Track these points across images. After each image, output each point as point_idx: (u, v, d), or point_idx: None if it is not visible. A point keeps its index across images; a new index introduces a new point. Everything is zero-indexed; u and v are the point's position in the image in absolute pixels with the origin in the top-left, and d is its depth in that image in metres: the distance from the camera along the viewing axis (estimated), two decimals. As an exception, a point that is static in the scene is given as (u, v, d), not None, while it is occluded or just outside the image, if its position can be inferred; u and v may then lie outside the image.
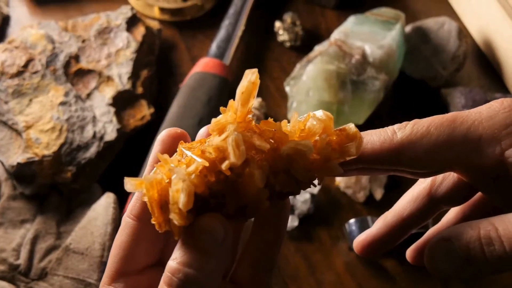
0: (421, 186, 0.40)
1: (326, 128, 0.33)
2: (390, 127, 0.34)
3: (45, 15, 0.84)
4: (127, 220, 0.36)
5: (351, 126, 0.33)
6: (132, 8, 0.77)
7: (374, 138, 0.34)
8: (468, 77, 0.82)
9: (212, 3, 0.84)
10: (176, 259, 0.32)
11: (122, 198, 0.68)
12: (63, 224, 0.66)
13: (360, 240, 0.42)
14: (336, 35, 0.76)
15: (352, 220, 0.67)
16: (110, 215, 0.63)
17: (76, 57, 0.73)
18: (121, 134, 0.69)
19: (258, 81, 0.33)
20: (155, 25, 0.79)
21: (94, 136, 0.68)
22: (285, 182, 0.33)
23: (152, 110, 0.73)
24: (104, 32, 0.75)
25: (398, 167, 0.34)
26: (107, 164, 0.70)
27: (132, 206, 0.36)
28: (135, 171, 0.69)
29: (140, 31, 0.76)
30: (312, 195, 0.70)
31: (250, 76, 0.33)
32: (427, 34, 0.79)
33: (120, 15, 0.76)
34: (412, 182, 0.66)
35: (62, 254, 0.62)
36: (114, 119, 0.69)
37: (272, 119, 0.34)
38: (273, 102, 0.78)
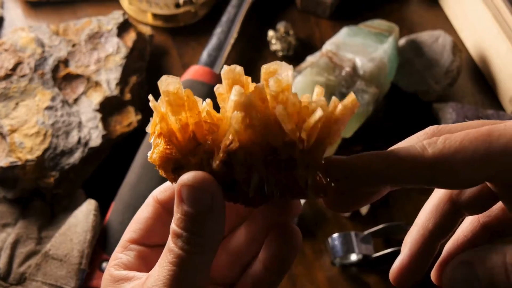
0: (440, 193, 0.38)
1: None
2: (419, 143, 0.32)
3: (39, 17, 0.84)
4: (150, 200, 0.39)
5: (316, 89, 0.34)
6: (124, 14, 0.77)
7: (402, 155, 0.32)
8: (462, 92, 0.81)
9: (206, 10, 0.84)
10: (176, 221, 0.33)
11: (106, 204, 0.68)
12: (45, 229, 0.66)
13: (394, 270, 0.39)
14: (327, 46, 0.75)
15: (335, 235, 0.66)
16: (90, 222, 0.63)
17: (65, 62, 0.72)
18: (106, 140, 0.69)
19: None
20: (147, 30, 0.79)
21: (79, 141, 0.67)
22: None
23: (139, 117, 0.72)
24: (94, 37, 0.75)
25: (432, 184, 0.32)
26: (92, 170, 0.70)
27: (161, 191, 0.38)
28: (121, 178, 0.68)
29: (131, 36, 0.75)
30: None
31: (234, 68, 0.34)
32: (421, 47, 0.78)
33: (111, 20, 0.76)
34: (398, 200, 0.64)
35: (41, 260, 0.62)
36: (100, 125, 0.69)
37: None
38: (263, 112, 0.77)
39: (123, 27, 0.76)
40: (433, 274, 0.39)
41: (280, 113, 0.31)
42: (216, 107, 0.34)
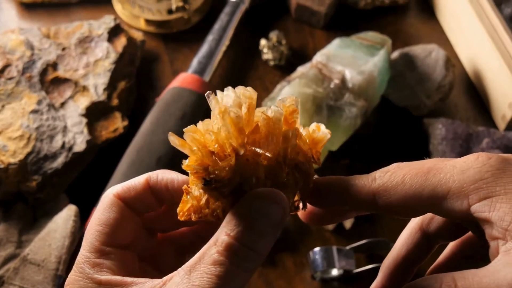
0: (413, 223, 0.41)
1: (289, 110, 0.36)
2: (373, 173, 0.36)
3: (33, 19, 0.84)
4: (113, 199, 0.37)
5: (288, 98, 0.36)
6: (116, 19, 0.76)
7: (356, 182, 0.36)
8: (455, 107, 0.80)
9: (200, 16, 0.84)
10: (233, 232, 0.33)
11: (89, 210, 0.67)
12: (26, 233, 0.65)
13: None
14: (318, 57, 0.74)
15: (316, 249, 0.65)
16: (69, 228, 0.62)
17: (54, 65, 0.72)
18: (91, 145, 0.69)
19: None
20: (138, 36, 0.79)
21: (63, 146, 0.67)
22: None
23: (126, 122, 0.72)
24: (85, 41, 0.75)
25: (375, 211, 0.36)
26: (76, 175, 0.70)
27: (124, 191, 0.37)
28: (105, 184, 0.68)
29: (121, 42, 0.75)
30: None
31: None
32: (414, 61, 0.77)
33: (102, 25, 0.76)
34: (383, 216, 0.64)
35: (20, 264, 0.61)
36: (85, 130, 0.69)
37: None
38: (251, 122, 0.76)
39: (114, 32, 0.76)
40: None
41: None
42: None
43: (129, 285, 0.34)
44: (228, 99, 0.34)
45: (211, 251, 0.33)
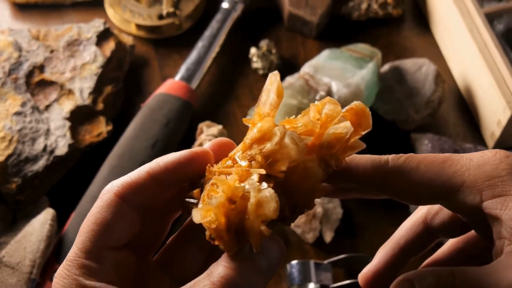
0: (417, 214, 0.42)
1: (338, 112, 0.35)
2: (386, 156, 0.36)
3: (26, 20, 0.84)
4: (112, 197, 0.35)
5: (356, 103, 0.36)
6: (105, 22, 0.76)
7: (367, 161, 0.36)
8: (444, 123, 0.79)
9: (191, 23, 0.83)
10: (230, 266, 0.32)
11: (68, 213, 0.67)
12: (4, 234, 0.65)
13: (363, 274, 0.43)
14: (306, 68, 0.74)
15: (294, 262, 0.65)
16: (45, 232, 0.62)
17: (41, 67, 0.73)
18: (73, 149, 0.69)
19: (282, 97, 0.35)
20: (128, 40, 0.79)
21: (44, 149, 0.67)
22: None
23: (110, 127, 0.72)
24: (73, 44, 0.75)
25: (384, 193, 0.37)
26: (58, 178, 0.70)
27: (124, 186, 0.36)
28: (87, 187, 0.68)
29: (110, 46, 0.75)
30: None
31: (274, 78, 0.35)
32: (404, 75, 0.77)
33: (92, 28, 0.76)
34: (365, 230, 0.63)
35: (-5, 266, 0.61)
36: (68, 133, 0.68)
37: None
38: (237, 130, 0.76)
39: (103, 36, 0.76)
40: (365, 279, 0.44)
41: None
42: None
43: None
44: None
45: (204, 282, 0.32)
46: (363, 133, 0.36)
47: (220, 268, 0.32)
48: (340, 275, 0.67)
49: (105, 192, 0.36)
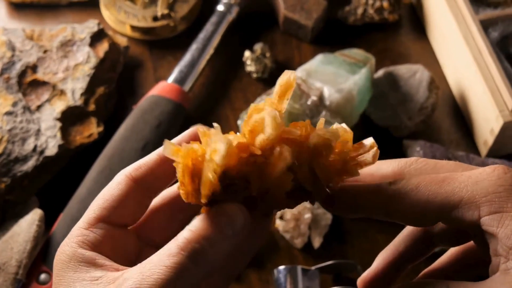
0: None
1: (347, 139, 0.37)
2: (385, 183, 0.37)
3: (21, 19, 0.84)
4: (123, 177, 0.38)
5: (369, 140, 0.38)
6: (99, 23, 0.76)
7: (368, 189, 0.37)
8: (438, 130, 0.79)
9: (186, 24, 0.83)
10: (195, 229, 0.33)
11: (57, 214, 0.67)
12: (-8, 234, 0.66)
13: (362, 278, 0.43)
14: (299, 72, 0.74)
15: (281, 267, 0.64)
16: (32, 233, 0.62)
17: (33, 67, 0.73)
18: (63, 150, 0.69)
19: (295, 83, 0.37)
20: (123, 41, 0.79)
21: (34, 149, 0.67)
22: (306, 176, 0.36)
23: (101, 128, 0.72)
24: (67, 45, 0.75)
25: (387, 216, 0.37)
26: (48, 179, 0.70)
27: (135, 168, 0.38)
28: (77, 188, 0.68)
29: (103, 47, 0.75)
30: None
31: (290, 75, 0.36)
32: (397, 81, 0.76)
33: (86, 29, 0.76)
34: (354, 236, 0.64)
35: (-18, 266, 0.61)
36: (59, 134, 0.69)
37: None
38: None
39: (97, 37, 0.76)
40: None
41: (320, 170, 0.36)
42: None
43: (97, 266, 0.35)
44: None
45: (170, 244, 0.33)
46: (365, 166, 0.37)
47: (185, 232, 0.33)
48: (328, 281, 0.67)
49: (118, 174, 0.38)
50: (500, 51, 0.74)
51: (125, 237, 0.38)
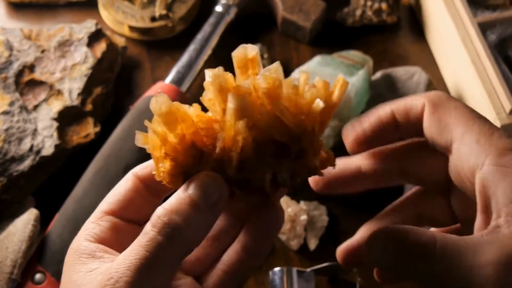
0: (407, 195, 0.44)
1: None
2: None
3: (20, 19, 0.84)
4: (130, 175, 0.39)
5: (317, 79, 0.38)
6: (97, 23, 0.76)
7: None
8: (435, 132, 0.78)
9: (184, 25, 0.83)
10: (167, 205, 0.33)
11: (53, 214, 0.67)
12: (-12, 234, 0.66)
13: (342, 248, 0.45)
14: (296, 74, 0.74)
15: (276, 269, 0.64)
16: (27, 232, 0.62)
17: (31, 67, 0.73)
18: (60, 150, 0.69)
19: (258, 57, 0.37)
20: (120, 42, 0.79)
21: (30, 149, 0.67)
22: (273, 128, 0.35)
23: (98, 128, 0.72)
24: (64, 45, 0.75)
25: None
26: (44, 179, 0.70)
27: (141, 168, 0.39)
28: (73, 188, 0.68)
29: (101, 47, 0.75)
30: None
31: (247, 50, 0.38)
32: (395, 83, 0.76)
33: (83, 29, 0.76)
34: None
35: (-23, 265, 0.61)
36: (55, 134, 0.69)
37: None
38: (225, 135, 0.76)
39: (95, 37, 0.76)
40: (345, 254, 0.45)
41: (281, 113, 0.34)
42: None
43: (95, 258, 0.35)
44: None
45: (147, 227, 0.33)
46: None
47: (159, 210, 0.33)
48: (323, 283, 0.67)
49: (129, 172, 0.40)
50: (498, 54, 0.74)
51: (135, 232, 0.38)
